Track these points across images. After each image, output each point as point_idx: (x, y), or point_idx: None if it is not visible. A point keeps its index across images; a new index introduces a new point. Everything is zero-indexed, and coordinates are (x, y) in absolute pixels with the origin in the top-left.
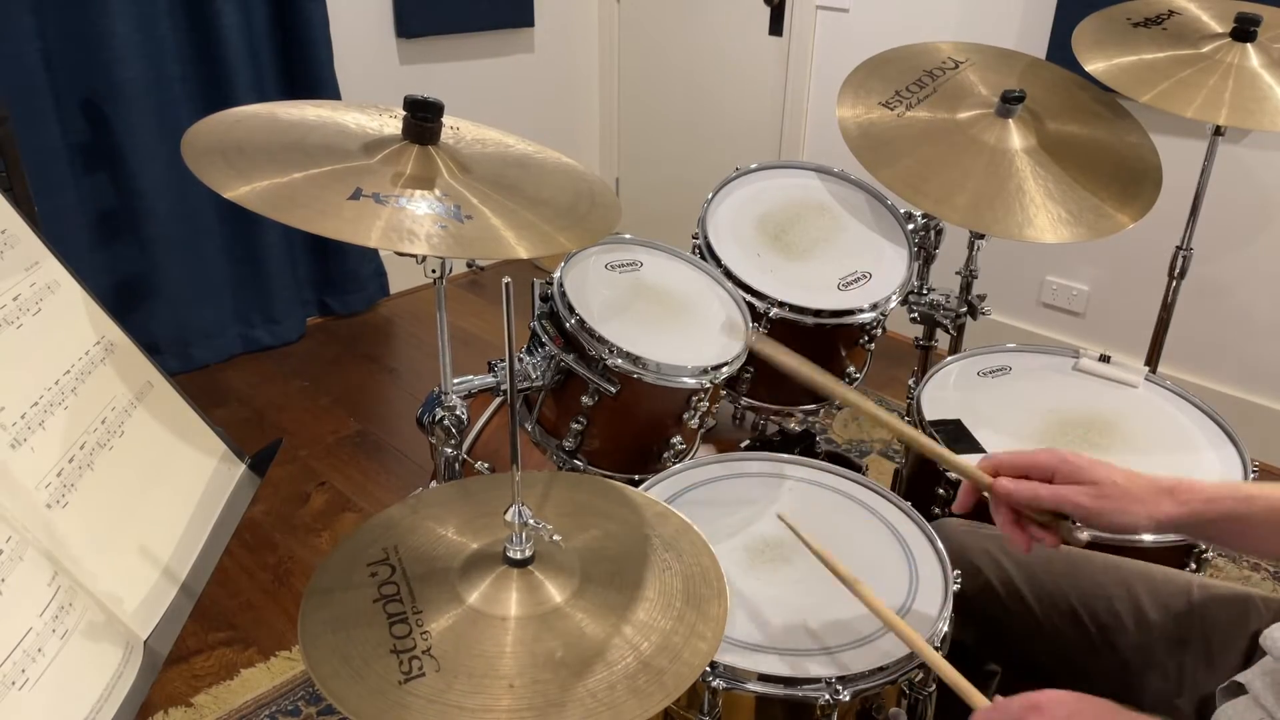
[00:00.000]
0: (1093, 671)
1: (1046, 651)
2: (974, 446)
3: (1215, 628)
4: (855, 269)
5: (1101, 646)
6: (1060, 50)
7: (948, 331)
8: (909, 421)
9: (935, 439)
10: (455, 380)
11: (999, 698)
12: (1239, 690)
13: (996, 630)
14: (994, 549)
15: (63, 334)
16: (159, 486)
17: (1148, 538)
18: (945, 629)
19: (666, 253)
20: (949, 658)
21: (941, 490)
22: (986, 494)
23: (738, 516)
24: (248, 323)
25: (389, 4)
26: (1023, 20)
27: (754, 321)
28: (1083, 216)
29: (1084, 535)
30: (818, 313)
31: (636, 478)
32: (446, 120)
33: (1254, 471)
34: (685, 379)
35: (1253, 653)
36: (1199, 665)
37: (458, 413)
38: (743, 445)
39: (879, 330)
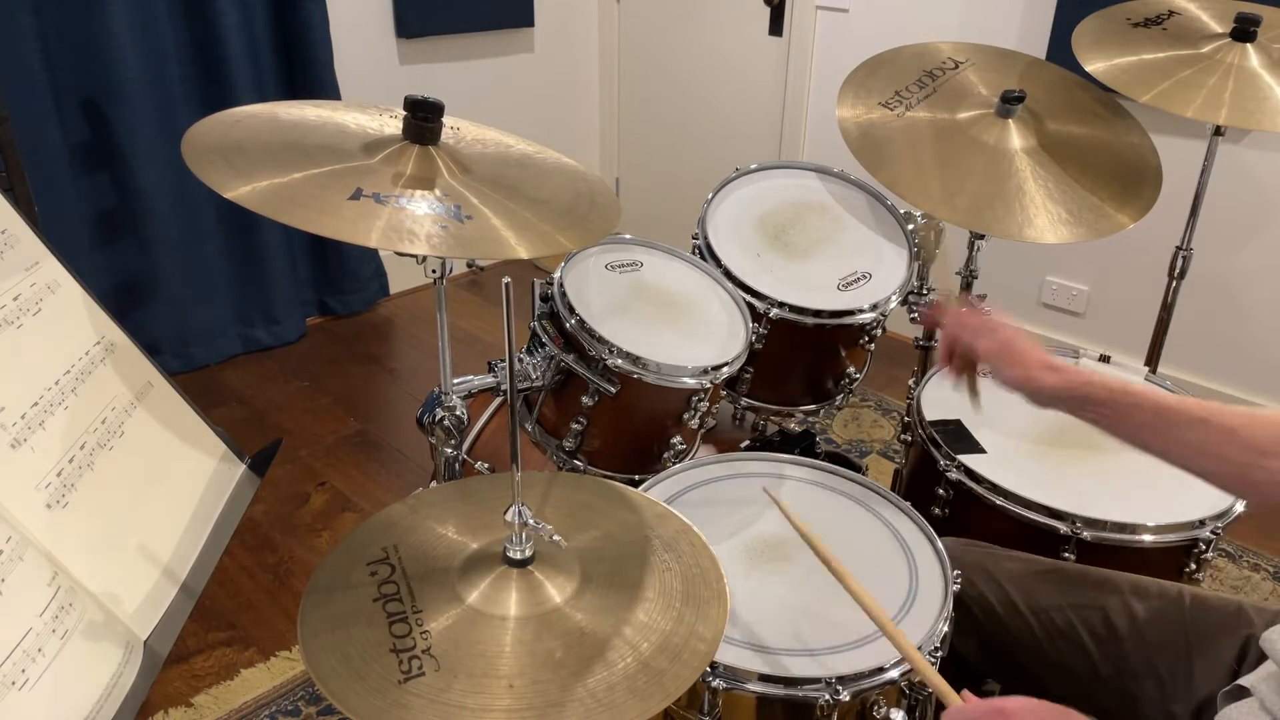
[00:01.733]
0: (1090, 682)
1: (1044, 664)
2: (974, 446)
3: (1208, 636)
4: (855, 269)
5: (1098, 657)
6: (1060, 50)
7: None
8: (908, 422)
9: (937, 439)
10: (455, 380)
11: (968, 693)
12: (1242, 693)
13: (993, 645)
14: (989, 565)
15: (63, 334)
16: (159, 486)
17: (1147, 539)
18: (945, 629)
19: (666, 253)
20: (950, 670)
21: (941, 490)
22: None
23: (738, 516)
24: (248, 323)
25: (389, 4)
26: (1023, 20)
27: (754, 321)
28: (1083, 216)
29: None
30: (818, 313)
31: (636, 478)
32: (446, 120)
33: None
34: (685, 379)
35: (1244, 657)
36: (1193, 672)
37: (458, 413)
38: (743, 445)
39: (879, 330)
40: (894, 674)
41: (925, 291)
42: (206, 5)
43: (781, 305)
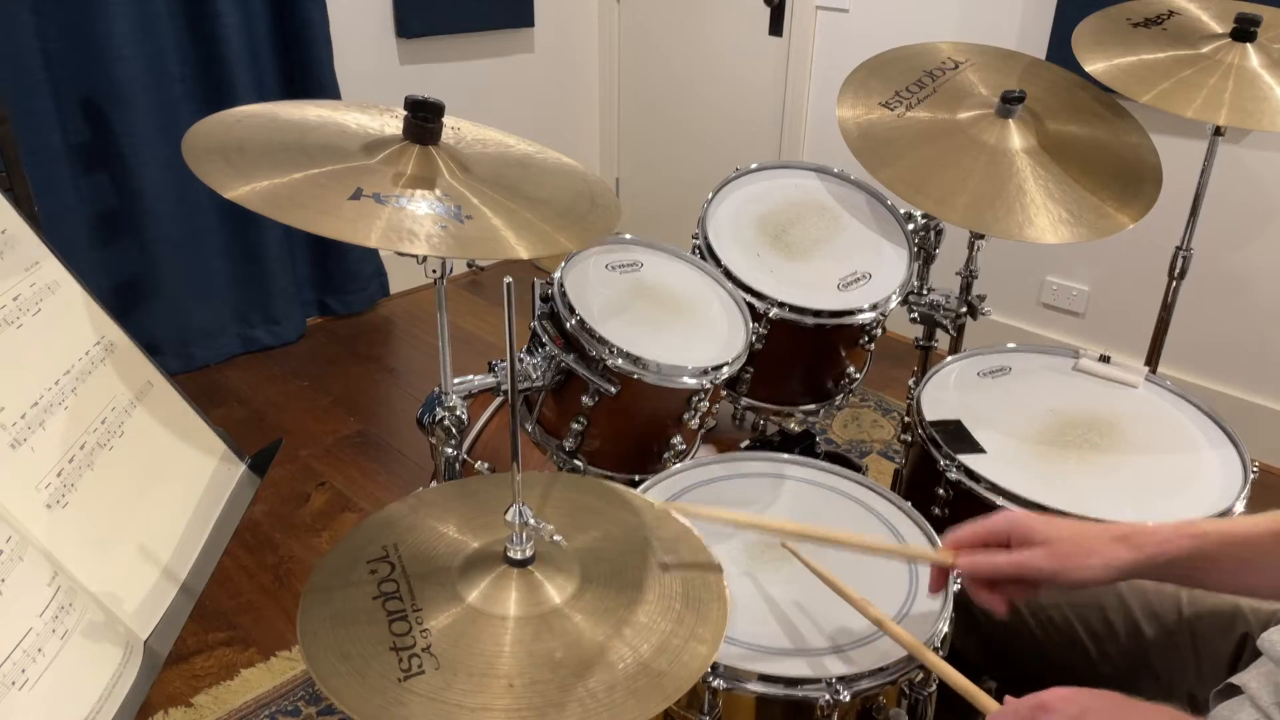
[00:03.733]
0: (1087, 680)
1: (1042, 662)
2: (974, 446)
3: (1204, 635)
4: (855, 269)
5: (1095, 656)
6: (1060, 50)
7: (948, 331)
8: (908, 422)
9: (937, 439)
10: (455, 380)
11: (1009, 699)
12: (1233, 692)
13: (992, 643)
14: None
15: (63, 334)
16: (159, 486)
17: None
18: (945, 629)
19: (666, 253)
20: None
21: (941, 490)
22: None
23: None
24: (248, 323)
25: (389, 4)
26: (1023, 20)
27: (754, 321)
28: (1083, 216)
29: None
30: (818, 313)
31: (636, 478)
32: (447, 120)
33: (1254, 472)
34: (685, 379)
35: (1240, 656)
36: (1189, 671)
37: (458, 413)
38: (743, 445)
39: (879, 330)
40: (894, 674)
41: (925, 292)
42: (206, 5)
43: (781, 305)
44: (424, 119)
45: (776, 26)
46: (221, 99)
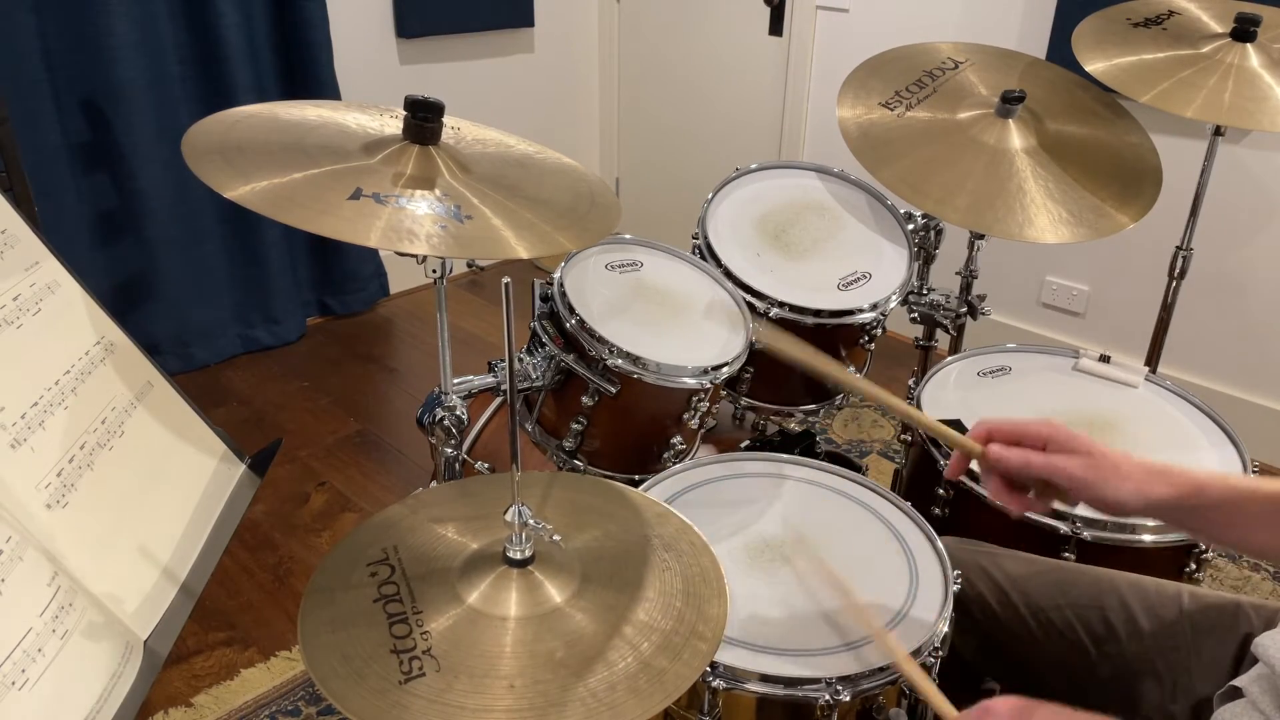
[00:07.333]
0: (1088, 682)
1: (1042, 664)
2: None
3: (1206, 635)
4: (855, 269)
5: (1096, 657)
6: (1060, 50)
7: (948, 331)
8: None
9: (937, 439)
10: (455, 380)
11: (965, 712)
12: (1236, 694)
13: (992, 644)
14: (987, 564)
15: (63, 334)
16: (159, 486)
17: (1147, 538)
18: (945, 629)
19: (666, 253)
20: (949, 668)
21: (941, 490)
22: (976, 461)
23: (738, 516)
24: (248, 323)
25: (389, 4)
26: (1023, 20)
27: (754, 321)
28: (1083, 216)
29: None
30: (818, 313)
31: (636, 478)
32: (447, 120)
33: (1254, 471)
34: (685, 379)
35: (1243, 658)
36: (1192, 672)
37: (458, 413)
38: (743, 445)
39: (879, 330)
40: (894, 674)
41: (925, 292)
42: (206, 5)
43: (781, 305)
44: (424, 119)
45: (776, 26)
46: (221, 99)
